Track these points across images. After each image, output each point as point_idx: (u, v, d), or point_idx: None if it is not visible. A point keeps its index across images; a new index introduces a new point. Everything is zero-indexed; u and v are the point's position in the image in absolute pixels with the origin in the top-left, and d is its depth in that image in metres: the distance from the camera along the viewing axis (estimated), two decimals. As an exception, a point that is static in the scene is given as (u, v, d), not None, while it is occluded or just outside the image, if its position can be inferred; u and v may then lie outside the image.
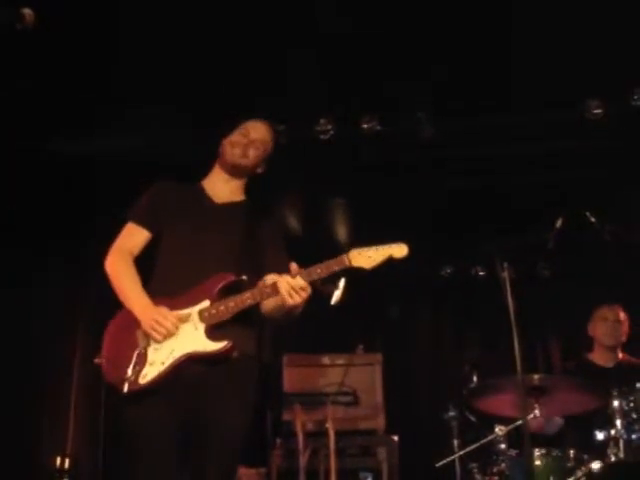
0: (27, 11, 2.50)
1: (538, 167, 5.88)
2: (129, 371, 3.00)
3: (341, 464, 4.86)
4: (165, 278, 3.22)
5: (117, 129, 5.47)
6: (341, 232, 6.50)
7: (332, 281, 4.42)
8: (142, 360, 3.02)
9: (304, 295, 2.99)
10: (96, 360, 3.13)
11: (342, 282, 4.33)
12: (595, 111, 5.23)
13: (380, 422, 5.24)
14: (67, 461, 5.18)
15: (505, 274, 3.88)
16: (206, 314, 3.05)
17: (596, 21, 4.46)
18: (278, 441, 5.13)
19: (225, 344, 3.00)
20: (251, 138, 3.43)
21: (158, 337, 3.04)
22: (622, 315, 5.20)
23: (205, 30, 4.59)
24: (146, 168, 4.90)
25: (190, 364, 3.02)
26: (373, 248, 3.02)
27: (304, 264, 3.05)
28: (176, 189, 3.45)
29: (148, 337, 3.07)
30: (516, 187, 6.08)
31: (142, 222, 3.34)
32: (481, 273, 7.04)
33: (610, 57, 4.71)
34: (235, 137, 3.46)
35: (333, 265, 3.02)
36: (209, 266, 3.15)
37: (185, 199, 3.41)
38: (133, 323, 3.11)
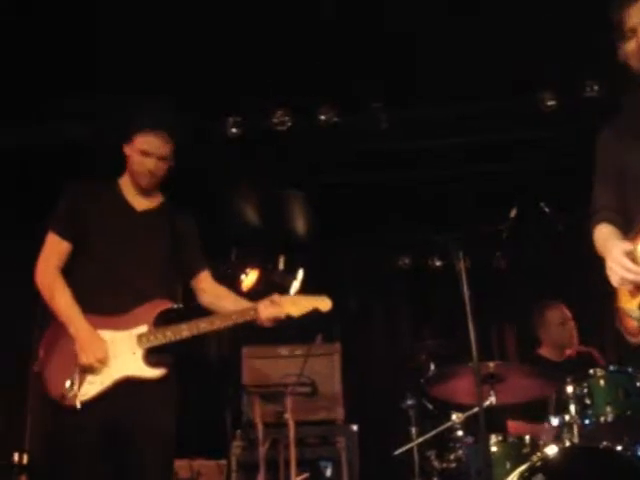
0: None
1: (492, 158, 5.95)
2: (69, 386, 3.14)
3: (301, 454, 4.88)
4: (90, 291, 3.29)
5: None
6: (299, 224, 6.51)
7: (291, 272, 4.44)
8: (82, 378, 3.16)
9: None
10: (35, 368, 3.23)
11: (300, 273, 4.35)
12: (548, 102, 5.31)
13: (339, 412, 5.27)
14: (25, 457, 5.13)
15: (461, 264, 3.94)
16: (144, 339, 3.25)
17: (547, 13, 4.53)
18: (238, 432, 5.14)
19: (161, 372, 3.24)
20: (159, 154, 3.38)
21: (90, 366, 3.16)
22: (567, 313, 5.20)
23: (165, 24, 4.57)
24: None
25: (123, 383, 3.20)
26: (303, 298, 3.40)
27: (263, 256, 3.09)
28: (95, 192, 3.46)
29: None
30: (470, 178, 6.14)
31: (62, 234, 3.37)
32: (438, 263, 7.12)
33: (563, 49, 4.78)
34: (140, 158, 3.38)
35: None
36: (135, 281, 3.29)
37: (105, 206, 3.43)
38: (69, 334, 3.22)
